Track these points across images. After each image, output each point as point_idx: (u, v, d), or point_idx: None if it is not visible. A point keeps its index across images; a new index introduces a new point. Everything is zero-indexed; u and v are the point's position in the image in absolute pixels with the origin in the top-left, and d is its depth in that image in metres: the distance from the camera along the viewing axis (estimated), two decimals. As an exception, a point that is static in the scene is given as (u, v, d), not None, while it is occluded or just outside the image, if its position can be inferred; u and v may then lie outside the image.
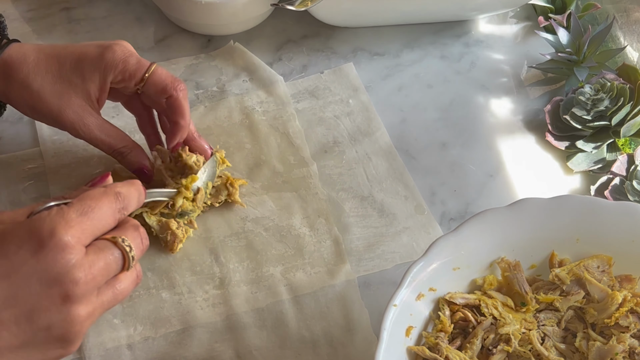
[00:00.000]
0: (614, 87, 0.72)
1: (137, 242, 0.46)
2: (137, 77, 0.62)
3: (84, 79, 0.61)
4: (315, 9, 0.77)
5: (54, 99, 0.61)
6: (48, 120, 0.63)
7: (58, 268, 0.41)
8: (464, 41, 0.83)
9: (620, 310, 0.57)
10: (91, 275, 0.42)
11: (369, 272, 0.66)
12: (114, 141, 0.63)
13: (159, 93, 0.63)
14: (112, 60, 0.61)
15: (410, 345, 0.56)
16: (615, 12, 0.82)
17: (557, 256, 0.60)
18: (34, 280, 0.41)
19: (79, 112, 0.61)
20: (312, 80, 0.78)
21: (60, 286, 0.41)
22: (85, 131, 0.62)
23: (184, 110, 0.64)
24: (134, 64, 0.61)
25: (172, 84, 0.63)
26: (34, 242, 0.41)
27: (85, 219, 0.43)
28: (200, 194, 0.65)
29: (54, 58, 0.61)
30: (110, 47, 0.61)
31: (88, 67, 0.61)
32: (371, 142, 0.74)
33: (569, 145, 0.73)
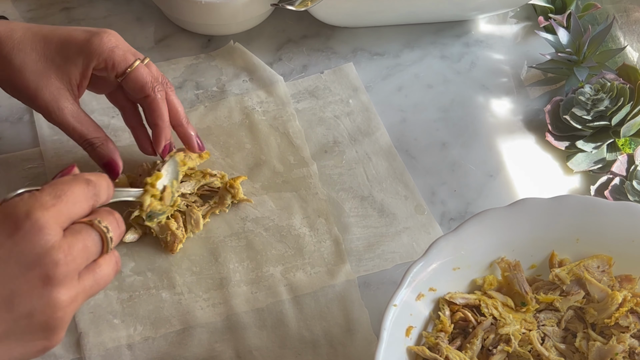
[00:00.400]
0: (614, 87, 0.72)
1: (113, 225, 0.45)
2: (118, 69, 0.61)
3: (66, 60, 0.60)
4: (315, 9, 0.77)
5: (33, 77, 0.60)
6: (24, 99, 0.61)
7: (37, 249, 0.40)
8: (464, 41, 0.83)
9: (620, 310, 0.57)
10: (71, 257, 0.41)
11: (369, 272, 0.66)
12: (86, 130, 0.62)
13: (136, 91, 0.62)
14: (99, 46, 0.60)
15: (410, 345, 0.56)
16: (615, 12, 0.82)
17: (557, 256, 0.60)
18: (11, 263, 0.39)
19: (55, 94, 0.60)
20: (312, 80, 0.78)
21: (40, 268, 0.40)
22: (58, 115, 0.60)
23: (161, 112, 0.63)
24: (119, 55, 0.60)
25: (150, 83, 0.62)
26: (10, 224, 0.40)
27: (59, 202, 0.41)
28: (167, 192, 0.63)
29: (40, 37, 0.60)
30: (98, 34, 0.60)
31: (73, 50, 0.60)
32: (371, 142, 0.74)
33: (569, 145, 0.73)
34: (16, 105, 0.75)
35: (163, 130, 0.63)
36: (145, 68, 0.62)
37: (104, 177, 0.47)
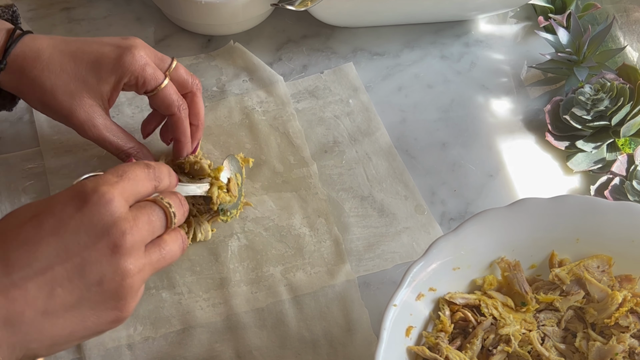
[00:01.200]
0: (614, 87, 0.72)
1: (176, 203, 0.48)
2: (148, 87, 0.62)
3: (99, 80, 0.61)
4: (315, 9, 0.77)
5: (66, 98, 0.60)
6: (58, 117, 0.63)
7: (105, 219, 0.43)
8: (464, 41, 0.83)
9: (620, 310, 0.57)
10: (136, 228, 0.44)
11: (369, 272, 0.66)
12: (121, 142, 0.63)
13: (163, 108, 0.64)
14: (131, 65, 0.60)
15: (410, 345, 0.56)
16: (615, 12, 0.82)
17: (557, 256, 0.60)
18: (82, 233, 0.42)
19: (89, 112, 0.61)
20: (312, 80, 0.78)
21: (108, 237, 0.43)
22: (94, 132, 0.62)
23: (184, 129, 0.65)
24: (150, 74, 0.61)
25: (177, 102, 0.63)
26: (79, 199, 0.43)
27: (123, 179, 0.45)
28: (232, 183, 0.65)
29: (69, 56, 0.61)
30: (130, 50, 0.61)
31: (105, 70, 0.61)
32: (371, 142, 0.74)
33: (569, 145, 0.73)
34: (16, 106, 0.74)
35: (185, 145, 0.66)
36: (172, 87, 0.63)
37: (164, 164, 0.50)
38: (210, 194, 0.63)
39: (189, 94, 0.65)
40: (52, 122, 0.73)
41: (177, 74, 0.64)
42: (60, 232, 0.42)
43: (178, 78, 0.64)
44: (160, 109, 0.64)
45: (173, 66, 0.64)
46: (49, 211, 0.43)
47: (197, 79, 0.66)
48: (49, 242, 0.42)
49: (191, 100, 0.66)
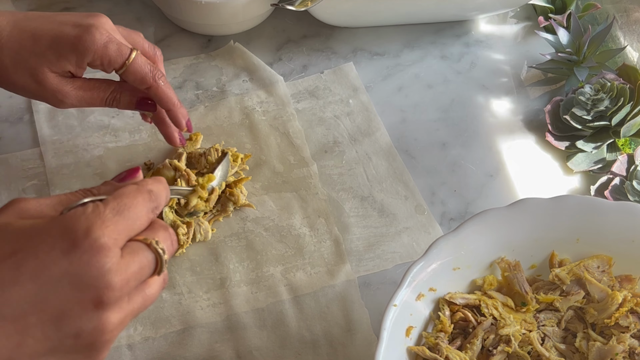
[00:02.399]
0: (614, 87, 0.72)
1: (167, 244, 0.43)
2: (116, 65, 0.60)
3: (59, 57, 0.59)
4: (315, 9, 0.76)
5: (28, 74, 0.59)
6: (28, 95, 0.61)
7: (93, 271, 0.37)
8: (464, 41, 0.83)
9: (620, 310, 0.57)
10: (125, 280, 0.39)
11: (369, 272, 0.66)
12: (101, 92, 0.62)
13: (138, 82, 0.61)
14: (91, 44, 0.58)
15: (411, 346, 0.56)
16: (615, 12, 0.82)
17: (557, 256, 0.60)
18: (65, 282, 0.37)
19: (55, 82, 0.60)
20: (312, 80, 0.78)
21: (94, 291, 0.38)
22: (69, 98, 0.60)
23: (169, 96, 0.62)
24: (114, 51, 0.59)
25: (150, 73, 0.61)
26: (68, 241, 0.37)
27: (121, 219, 0.39)
28: (215, 194, 0.65)
29: (28, 33, 0.59)
30: (89, 29, 0.58)
31: (64, 48, 0.59)
32: (371, 142, 0.74)
33: (569, 145, 0.73)
34: (16, 105, 0.75)
35: (178, 111, 0.64)
36: (142, 57, 0.61)
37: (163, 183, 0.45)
38: (188, 199, 0.63)
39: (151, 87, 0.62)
40: (52, 122, 0.73)
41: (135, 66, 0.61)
42: (41, 278, 0.37)
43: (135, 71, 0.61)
44: (135, 84, 0.62)
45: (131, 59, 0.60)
46: (31, 251, 0.37)
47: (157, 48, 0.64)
48: (26, 288, 0.37)
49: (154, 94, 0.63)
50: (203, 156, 0.69)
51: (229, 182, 0.68)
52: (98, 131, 0.73)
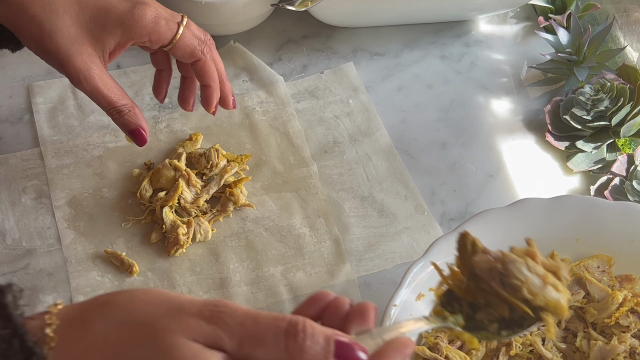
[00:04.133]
0: (614, 87, 0.72)
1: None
2: (164, 40, 0.59)
3: (103, 29, 0.57)
4: (315, 9, 0.76)
5: (65, 42, 0.56)
6: (52, 62, 0.58)
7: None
8: (464, 41, 0.83)
9: (620, 310, 0.57)
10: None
11: (369, 272, 0.66)
12: (115, 97, 0.60)
13: (186, 57, 0.61)
14: (141, 19, 0.57)
15: (411, 345, 0.56)
16: (615, 12, 0.82)
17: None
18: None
19: (87, 61, 0.57)
20: (312, 80, 0.78)
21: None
22: (89, 82, 0.58)
23: (212, 73, 0.62)
24: (163, 26, 0.58)
25: (199, 46, 0.60)
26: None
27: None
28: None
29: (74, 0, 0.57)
30: (139, 5, 0.57)
31: (112, 20, 0.57)
32: (371, 142, 0.73)
33: (569, 146, 0.73)
34: (16, 105, 0.75)
35: (215, 90, 0.63)
36: (189, 32, 0.60)
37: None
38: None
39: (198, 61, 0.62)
40: (52, 122, 0.73)
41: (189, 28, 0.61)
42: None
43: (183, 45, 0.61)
44: (183, 58, 0.61)
45: (185, 21, 0.60)
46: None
47: (208, 34, 0.63)
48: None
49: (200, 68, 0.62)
50: (203, 156, 0.69)
51: (228, 182, 0.68)
52: (98, 131, 0.73)
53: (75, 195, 0.68)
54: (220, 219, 0.68)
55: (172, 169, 0.68)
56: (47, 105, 0.74)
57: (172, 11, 0.61)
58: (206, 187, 0.68)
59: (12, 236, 0.66)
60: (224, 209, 0.68)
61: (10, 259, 0.65)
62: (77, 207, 0.68)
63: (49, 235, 0.66)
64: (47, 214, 0.67)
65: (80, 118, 0.73)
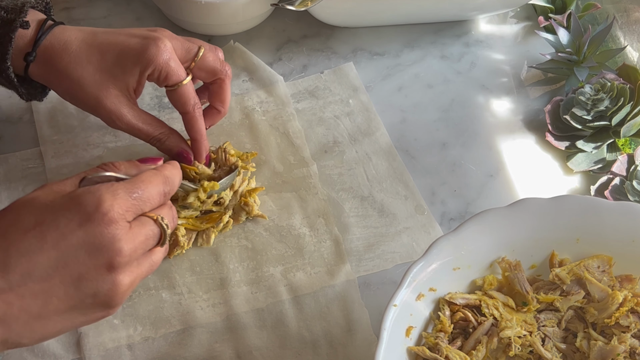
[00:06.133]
0: (614, 87, 0.72)
1: (169, 219, 0.50)
2: (169, 82, 0.62)
3: (124, 71, 0.61)
4: (315, 9, 0.76)
5: (93, 89, 0.61)
6: (86, 108, 0.63)
7: (103, 240, 0.44)
8: (464, 41, 0.83)
9: (620, 310, 0.57)
10: (133, 247, 0.46)
11: (369, 272, 0.66)
12: (151, 128, 0.64)
13: (179, 105, 0.64)
14: (155, 57, 0.60)
15: (411, 346, 0.56)
16: (615, 12, 0.82)
17: (558, 256, 0.60)
18: (82, 250, 0.44)
19: (116, 103, 0.62)
20: (312, 80, 0.78)
21: (106, 255, 0.44)
22: (123, 121, 0.62)
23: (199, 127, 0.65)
24: (173, 69, 0.61)
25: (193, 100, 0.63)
26: (82, 214, 0.44)
27: (133, 200, 0.46)
28: (211, 199, 0.65)
29: (96, 48, 0.61)
30: (155, 41, 0.60)
31: (130, 61, 0.61)
32: (371, 142, 0.73)
33: (569, 145, 0.73)
34: (16, 105, 0.75)
35: (202, 143, 0.66)
36: (192, 86, 0.63)
37: (178, 169, 0.52)
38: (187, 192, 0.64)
39: (218, 80, 0.66)
40: (52, 122, 0.73)
41: (205, 62, 0.64)
42: (61, 246, 0.44)
43: (206, 66, 0.64)
44: (176, 105, 0.64)
45: (199, 56, 0.63)
46: (53, 224, 0.44)
47: (228, 65, 0.66)
48: (49, 255, 0.43)
49: (219, 87, 0.66)
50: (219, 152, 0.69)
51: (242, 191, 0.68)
52: (98, 131, 0.73)
53: (75, 195, 0.68)
54: (230, 227, 0.67)
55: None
56: (47, 105, 0.74)
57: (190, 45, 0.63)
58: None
59: None
60: (236, 217, 0.67)
61: (10, 259, 0.64)
62: (77, 207, 0.68)
63: (48, 235, 0.66)
64: (47, 214, 0.67)
65: (80, 118, 0.73)
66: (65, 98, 0.64)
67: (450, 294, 0.58)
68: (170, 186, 0.50)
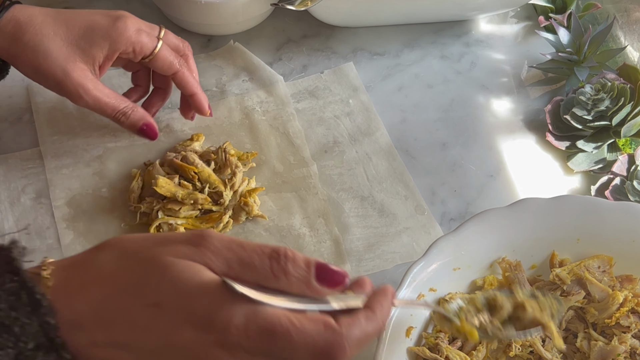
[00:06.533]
0: (615, 87, 0.72)
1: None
2: (146, 51, 0.63)
3: (92, 44, 0.61)
4: (315, 9, 0.76)
5: (59, 62, 0.61)
6: (50, 84, 0.63)
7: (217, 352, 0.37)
8: (464, 41, 0.82)
9: (621, 310, 0.57)
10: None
11: (369, 272, 0.66)
12: (116, 103, 0.64)
13: (164, 69, 0.65)
14: (124, 31, 0.62)
15: (411, 346, 0.56)
16: (615, 12, 0.81)
17: (558, 256, 0.60)
18: (182, 356, 0.38)
19: (82, 76, 0.62)
20: (312, 80, 0.78)
21: (215, 335, 0.37)
22: (89, 94, 0.62)
23: (192, 82, 0.67)
24: (145, 38, 0.63)
25: (176, 58, 0.65)
26: (204, 324, 0.37)
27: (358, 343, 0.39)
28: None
29: (62, 22, 0.61)
30: (121, 18, 0.62)
31: (98, 35, 0.61)
32: (371, 142, 0.73)
33: (570, 145, 0.73)
34: (16, 105, 0.74)
35: (200, 95, 0.68)
36: (166, 47, 0.65)
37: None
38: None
39: (182, 56, 0.67)
40: (52, 122, 0.73)
41: (168, 39, 0.66)
42: (172, 341, 0.37)
43: (169, 43, 0.66)
44: (162, 70, 0.65)
45: (162, 33, 0.65)
46: (173, 316, 0.37)
47: (186, 42, 0.68)
48: (153, 340, 0.38)
49: (185, 62, 0.67)
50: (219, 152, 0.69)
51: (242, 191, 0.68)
52: (98, 131, 0.73)
53: (74, 195, 0.68)
54: (230, 228, 0.67)
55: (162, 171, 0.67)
56: (47, 105, 0.74)
57: (150, 24, 0.66)
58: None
59: (11, 236, 0.66)
60: (236, 218, 0.67)
61: (9, 259, 0.64)
62: (76, 207, 0.68)
63: (48, 236, 0.66)
64: (47, 214, 0.67)
65: (80, 118, 0.73)
66: (28, 74, 0.63)
67: (450, 294, 0.58)
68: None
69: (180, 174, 0.67)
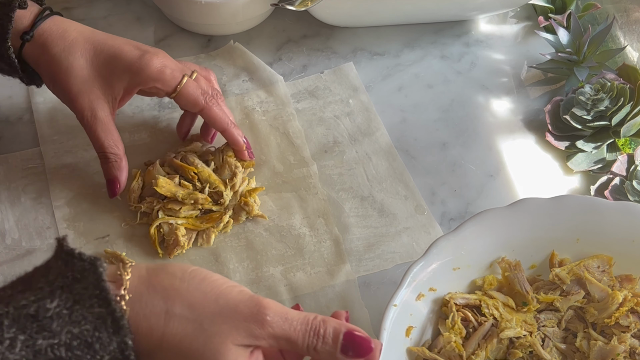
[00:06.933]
0: (614, 87, 0.72)
1: None
2: (169, 88, 0.63)
3: (112, 74, 0.62)
4: (315, 9, 0.76)
5: (77, 82, 0.62)
6: (64, 99, 0.64)
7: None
8: (464, 41, 0.82)
9: (620, 310, 0.57)
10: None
11: (369, 272, 0.66)
12: (107, 144, 0.63)
13: (190, 106, 0.65)
14: (147, 66, 0.61)
15: (411, 346, 0.56)
16: (615, 12, 0.82)
17: (557, 256, 0.60)
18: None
19: (93, 102, 0.62)
20: (312, 80, 0.78)
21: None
22: (89, 121, 0.63)
23: (222, 119, 0.65)
24: (168, 75, 0.63)
25: (202, 96, 0.64)
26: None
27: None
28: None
29: (91, 44, 0.62)
30: (147, 54, 0.62)
31: (121, 66, 0.62)
32: (371, 142, 0.73)
33: (569, 145, 0.73)
34: (16, 105, 0.75)
35: (231, 132, 0.66)
36: (193, 82, 0.64)
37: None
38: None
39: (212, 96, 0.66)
40: (52, 122, 0.73)
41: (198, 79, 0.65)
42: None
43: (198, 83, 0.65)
44: (187, 107, 0.65)
45: (194, 76, 0.65)
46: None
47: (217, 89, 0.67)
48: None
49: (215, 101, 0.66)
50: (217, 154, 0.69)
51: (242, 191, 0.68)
52: (98, 131, 0.73)
53: (74, 195, 0.68)
54: (229, 228, 0.67)
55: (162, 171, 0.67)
56: (47, 105, 0.74)
57: (183, 65, 0.65)
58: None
59: (11, 236, 0.66)
60: (236, 217, 0.67)
61: (9, 258, 0.65)
62: (76, 207, 0.68)
63: (48, 235, 0.66)
64: (47, 214, 0.67)
65: (80, 118, 0.73)
66: (48, 84, 0.64)
67: (450, 294, 0.58)
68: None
69: (181, 174, 0.67)
